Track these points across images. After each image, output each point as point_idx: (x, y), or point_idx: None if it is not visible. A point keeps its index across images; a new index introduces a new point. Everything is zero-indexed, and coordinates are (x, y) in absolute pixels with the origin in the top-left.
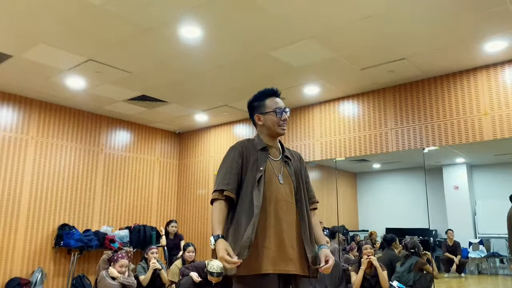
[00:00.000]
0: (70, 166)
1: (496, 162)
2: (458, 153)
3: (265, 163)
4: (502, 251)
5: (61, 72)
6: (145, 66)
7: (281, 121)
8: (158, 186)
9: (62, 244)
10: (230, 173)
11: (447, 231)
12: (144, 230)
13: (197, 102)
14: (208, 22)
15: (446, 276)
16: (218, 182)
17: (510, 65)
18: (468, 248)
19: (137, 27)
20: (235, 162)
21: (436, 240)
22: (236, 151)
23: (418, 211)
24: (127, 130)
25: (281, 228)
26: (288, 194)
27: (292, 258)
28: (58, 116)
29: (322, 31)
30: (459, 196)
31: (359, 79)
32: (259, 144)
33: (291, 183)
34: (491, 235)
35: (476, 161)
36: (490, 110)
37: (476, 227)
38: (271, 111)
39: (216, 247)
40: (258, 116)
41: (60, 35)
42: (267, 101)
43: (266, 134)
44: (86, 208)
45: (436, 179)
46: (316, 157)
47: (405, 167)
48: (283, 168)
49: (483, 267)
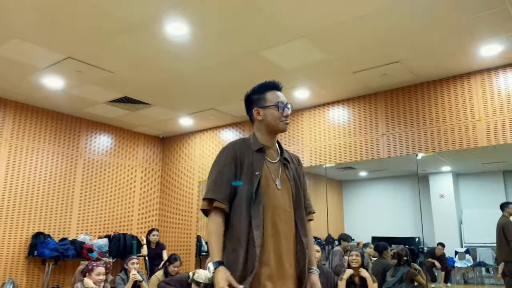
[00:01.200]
0: (47, 171)
1: (483, 170)
2: (444, 161)
3: (261, 166)
4: (488, 260)
5: (37, 71)
6: (128, 65)
7: (283, 116)
8: (140, 193)
9: (36, 253)
10: (221, 179)
11: (438, 244)
12: (125, 239)
13: (182, 105)
14: (196, 19)
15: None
16: (208, 189)
17: (505, 70)
18: (454, 257)
19: (120, 22)
20: (227, 167)
21: (420, 247)
22: (229, 154)
23: (405, 220)
24: (108, 134)
25: (279, 241)
26: (286, 202)
27: (289, 275)
28: (34, 117)
29: (314, 31)
30: (445, 205)
31: (351, 82)
32: (255, 144)
33: (290, 188)
34: (477, 244)
35: (462, 169)
36: (484, 116)
37: (462, 236)
38: (272, 105)
39: (216, 277)
40: (257, 110)
41: (36, 30)
42: (268, 94)
43: (265, 131)
44: (63, 216)
45: (422, 188)
46: (305, 163)
47: (391, 175)
48: (281, 172)
49: (469, 276)
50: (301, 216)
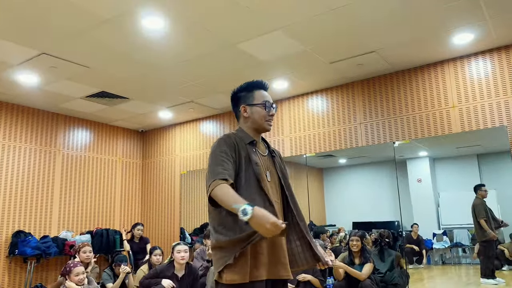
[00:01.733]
0: (25, 169)
1: (458, 154)
2: (421, 146)
3: (258, 158)
4: (465, 241)
5: (10, 67)
6: (104, 60)
7: (269, 116)
8: (121, 187)
9: (17, 252)
10: (226, 163)
11: (413, 225)
12: (107, 234)
13: (161, 99)
14: (172, 13)
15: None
16: (215, 173)
17: (477, 57)
18: (432, 239)
19: (95, 16)
20: (228, 153)
21: (399, 231)
22: (228, 142)
23: (384, 204)
24: (86, 129)
25: None
26: (275, 194)
27: (282, 262)
28: (9, 115)
29: (291, 23)
30: (422, 189)
31: (328, 72)
32: (246, 137)
33: (277, 181)
34: (454, 226)
35: (439, 154)
36: (457, 103)
37: (439, 219)
38: (259, 103)
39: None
40: (244, 107)
41: (7, 25)
42: (255, 92)
43: (250, 127)
44: (43, 213)
45: (400, 173)
46: (286, 154)
47: (371, 161)
48: (270, 165)
49: (447, 257)
50: (295, 204)
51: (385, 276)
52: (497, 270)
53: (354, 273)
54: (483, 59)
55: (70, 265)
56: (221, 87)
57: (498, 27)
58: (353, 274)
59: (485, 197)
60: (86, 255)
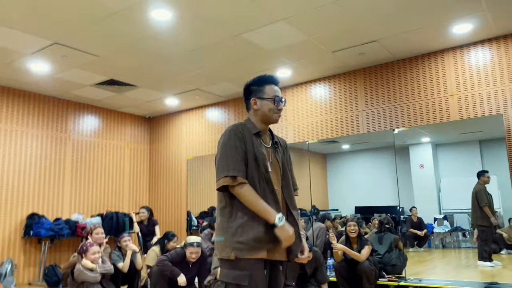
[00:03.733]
0: (37, 154)
1: (460, 140)
2: (423, 132)
3: (262, 149)
4: (465, 225)
5: (24, 56)
6: (113, 49)
7: (277, 109)
8: (129, 171)
9: (32, 234)
10: (236, 157)
11: (411, 208)
12: (117, 217)
13: (168, 86)
14: (179, 4)
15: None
16: (228, 168)
17: (476, 47)
18: (433, 223)
19: (105, 8)
20: (238, 146)
21: (403, 217)
22: (236, 135)
23: (386, 189)
24: (95, 116)
25: None
26: (276, 182)
27: (278, 246)
28: (22, 102)
29: (294, 14)
30: (424, 174)
31: (331, 61)
32: (253, 128)
33: (278, 170)
34: (454, 211)
35: (441, 140)
36: (456, 91)
37: (440, 204)
38: (269, 98)
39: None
40: (254, 100)
41: (23, 18)
42: (266, 87)
43: (259, 119)
44: (55, 196)
45: (402, 158)
46: (289, 140)
47: (373, 147)
48: (272, 156)
49: (447, 241)
50: (289, 193)
51: (384, 258)
52: (496, 254)
53: (353, 255)
54: (482, 48)
55: (87, 244)
56: (226, 75)
57: (496, 17)
58: (352, 255)
59: (487, 183)
60: (98, 236)
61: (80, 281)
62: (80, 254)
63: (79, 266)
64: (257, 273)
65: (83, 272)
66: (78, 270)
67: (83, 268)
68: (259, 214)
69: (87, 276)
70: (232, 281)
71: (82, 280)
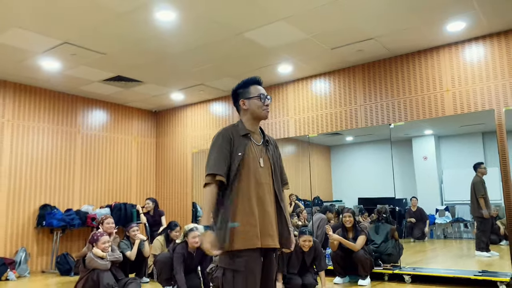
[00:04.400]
0: (48, 147)
1: (462, 132)
2: (426, 125)
3: (247, 148)
4: (466, 216)
5: (36, 55)
6: (120, 48)
7: (264, 106)
8: (137, 164)
9: (44, 224)
10: (219, 158)
11: (411, 198)
12: (125, 208)
13: (173, 82)
14: (183, 5)
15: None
16: (210, 167)
17: (470, 44)
18: (435, 214)
19: (112, 10)
20: (224, 148)
21: (406, 208)
22: (225, 138)
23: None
24: (103, 110)
25: (263, 208)
26: (267, 177)
27: (272, 234)
28: (33, 98)
29: (294, 13)
30: (427, 166)
31: (330, 58)
32: (242, 130)
33: (270, 166)
34: (456, 202)
35: (443, 132)
36: (451, 87)
37: (442, 195)
38: (255, 96)
39: (204, 238)
40: (243, 101)
41: (34, 19)
42: (251, 88)
43: (250, 118)
44: (66, 188)
45: (405, 151)
46: (291, 134)
47: (376, 139)
48: (263, 153)
49: (448, 231)
50: (278, 187)
51: (380, 247)
52: (495, 245)
53: (348, 244)
54: (476, 45)
55: (98, 234)
56: (229, 71)
57: (488, 15)
58: (348, 245)
59: (485, 174)
60: (109, 225)
61: (91, 268)
62: (91, 244)
63: (90, 254)
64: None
65: (94, 260)
66: (89, 258)
67: (94, 256)
68: (203, 212)
69: (98, 264)
70: (229, 267)
71: (93, 267)
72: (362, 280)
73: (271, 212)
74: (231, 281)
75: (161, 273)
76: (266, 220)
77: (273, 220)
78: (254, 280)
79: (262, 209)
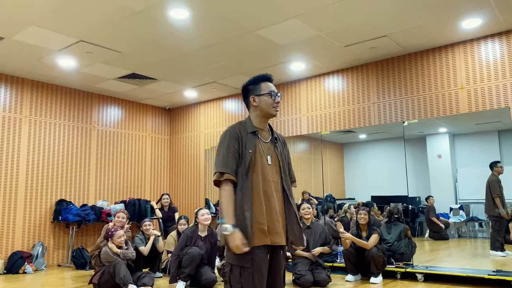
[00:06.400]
0: (64, 144)
1: (477, 130)
2: (440, 123)
3: (255, 145)
4: (481, 216)
5: (52, 53)
6: (135, 46)
7: (275, 103)
8: (151, 160)
9: (60, 219)
10: (228, 156)
11: (428, 197)
12: (139, 204)
13: (186, 79)
14: (197, 4)
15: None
16: (218, 165)
17: (485, 41)
18: (449, 213)
19: (127, 9)
20: (231, 146)
21: (420, 207)
22: (232, 134)
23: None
24: (118, 107)
25: (270, 206)
26: (275, 174)
27: (279, 232)
28: (50, 94)
29: (307, 11)
30: (442, 165)
31: (343, 55)
32: (250, 127)
33: (278, 164)
34: (470, 201)
35: (458, 130)
36: (466, 84)
37: (457, 193)
38: (266, 93)
39: (233, 237)
40: (253, 98)
41: (51, 18)
42: (262, 84)
43: (259, 115)
44: (81, 184)
45: (420, 148)
46: (303, 131)
47: (390, 137)
48: (272, 150)
49: (462, 230)
50: (288, 185)
51: (393, 246)
52: (510, 244)
53: (361, 243)
54: (492, 42)
55: (112, 230)
56: (242, 68)
57: (504, 12)
58: (360, 244)
59: (501, 173)
60: (119, 219)
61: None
62: (106, 239)
63: (105, 248)
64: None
65: (108, 254)
66: (104, 251)
67: (109, 251)
68: (222, 212)
69: (113, 259)
70: (237, 263)
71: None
72: (374, 278)
73: (278, 209)
74: (238, 277)
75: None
76: (274, 217)
77: (280, 218)
78: (261, 277)
79: (269, 206)
